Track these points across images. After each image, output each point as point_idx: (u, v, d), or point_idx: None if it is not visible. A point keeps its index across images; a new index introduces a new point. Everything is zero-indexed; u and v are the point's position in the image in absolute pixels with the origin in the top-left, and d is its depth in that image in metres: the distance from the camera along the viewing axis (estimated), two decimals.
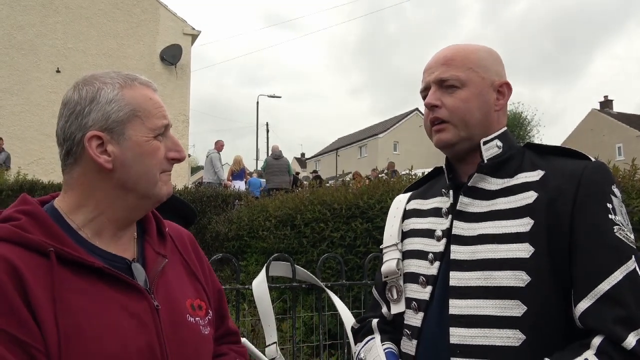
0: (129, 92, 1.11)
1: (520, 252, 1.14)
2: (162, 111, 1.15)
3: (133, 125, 1.09)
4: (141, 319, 1.05)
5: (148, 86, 1.16)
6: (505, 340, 1.12)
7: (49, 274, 0.97)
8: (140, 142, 1.10)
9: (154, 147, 1.11)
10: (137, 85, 1.14)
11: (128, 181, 1.10)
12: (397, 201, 1.52)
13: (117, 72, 1.15)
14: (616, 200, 1.15)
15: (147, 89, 1.15)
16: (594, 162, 1.19)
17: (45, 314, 0.93)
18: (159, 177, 1.13)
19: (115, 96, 1.09)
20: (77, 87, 1.11)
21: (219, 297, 1.35)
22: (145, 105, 1.12)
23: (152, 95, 1.15)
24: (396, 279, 1.36)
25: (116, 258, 1.10)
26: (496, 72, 1.30)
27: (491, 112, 1.28)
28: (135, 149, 1.09)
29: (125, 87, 1.12)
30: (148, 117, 1.11)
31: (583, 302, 1.08)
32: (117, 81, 1.12)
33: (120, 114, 1.09)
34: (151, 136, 1.11)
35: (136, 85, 1.13)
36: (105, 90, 1.10)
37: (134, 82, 1.14)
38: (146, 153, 1.10)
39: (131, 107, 1.10)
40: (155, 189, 1.13)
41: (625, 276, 1.06)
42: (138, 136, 1.10)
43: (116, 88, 1.11)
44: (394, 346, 1.35)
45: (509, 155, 1.26)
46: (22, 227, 1.01)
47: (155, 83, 1.20)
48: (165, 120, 1.14)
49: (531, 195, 1.18)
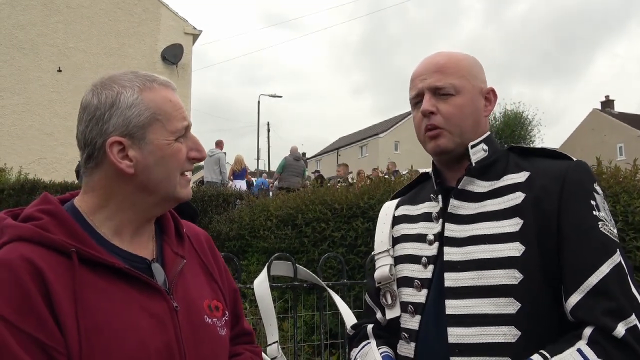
0: (149, 95, 1.10)
1: (512, 251, 1.18)
2: (182, 112, 1.14)
3: (154, 129, 1.09)
4: (160, 319, 1.05)
5: (167, 86, 1.15)
6: (501, 337, 1.15)
7: (70, 274, 0.97)
8: (161, 146, 1.09)
9: (175, 150, 1.11)
10: (156, 86, 1.12)
11: (149, 184, 1.10)
12: (386, 208, 1.55)
13: (135, 72, 1.14)
14: (599, 197, 1.20)
15: (166, 89, 1.14)
16: (576, 161, 1.24)
17: (67, 315, 0.93)
18: (178, 180, 1.13)
19: (135, 100, 1.08)
20: (96, 91, 1.10)
21: (235, 297, 1.35)
22: (165, 108, 1.11)
23: (172, 96, 1.14)
24: (390, 284, 1.38)
25: (136, 258, 1.11)
26: (482, 79, 1.35)
27: (480, 117, 1.33)
28: (157, 153, 1.09)
29: (145, 89, 1.10)
30: (168, 120, 1.11)
31: (573, 296, 1.11)
32: (136, 84, 1.10)
33: (141, 119, 1.08)
34: (172, 139, 1.11)
35: (155, 87, 1.12)
36: (125, 94, 1.08)
37: (152, 84, 1.12)
38: (168, 156, 1.10)
39: (151, 111, 1.09)
40: (175, 191, 1.13)
41: (611, 269, 1.10)
42: (159, 140, 1.09)
43: (135, 92, 1.09)
44: (390, 350, 1.36)
45: (495, 158, 1.31)
46: (44, 227, 1.01)
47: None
48: (185, 121, 1.14)
49: (519, 196, 1.22)
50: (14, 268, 0.93)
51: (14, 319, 0.89)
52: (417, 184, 1.54)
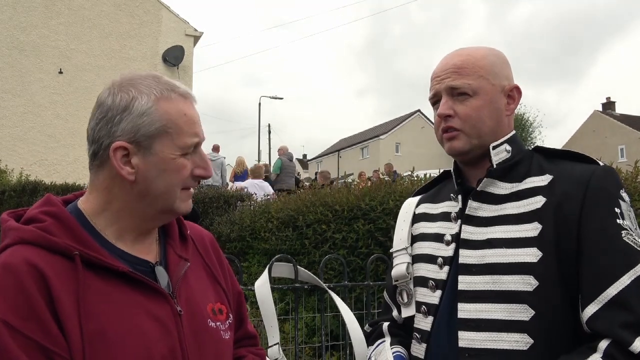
0: (164, 106, 1.07)
1: (529, 257, 1.14)
2: (194, 128, 1.10)
3: (162, 141, 1.06)
4: (164, 323, 1.04)
5: (186, 98, 1.11)
6: (513, 344, 1.12)
7: (73, 277, 0.96)
8: (166, 159, 1.07)
9: (179, 165, 1.08)
10: (174, 97, 1.09)
11: (148, 195, 1.08)
12: (407, 205, 1.52)
13: (157, 78, 1.10)
14: (624, 205, 1.15)
15: (184, 102, 1.11)
16: (602, 166, 1.19)
17: (70, 319, 0.92)
18: (178, 195, 1.10)
19: (149, 109, 1.05)
20: (113, 91, 1.07)
21: (239, 300, 1.34)
22: (178, 122, 1.08)
23: (188, 109, 1.10)
24: (406, 282, 1.37)
25: (139, 261, 1.09)
26: (506, 76, 1.29)
27: (502, 117, 1.28)
28: (160, 165, 1.06)
29: (162, 99, 1.07)
30: (179, 135, 1.07)
31: (590, 306, 1.08)
32: (153, 91, 1.07)
33: (151, 129, 1.05)
34: (178, 154, 1.07)
35: (173, 98, 1.09)
36: (140, 101, 1.05)
37: (171, 94, 1.09)
38: (170, 170, 1.07)
39: (162, 123, 1.06)
40: (174, 205, 1.10)
41: (632, 281, 1.06)
42: (165, 152, 1.06)
43: (151, 100, 1.06)
44: (402, 349, 1.35)
45: (518, 160, 1.26)
46: (47, 230, 0.99)
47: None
48: (196, 138, 1.10)
49: (539, 200, 1.18)
50: (17, 272, 0.92)
51: (17, 324, 0.88)
52: (439, 181, 1.50)
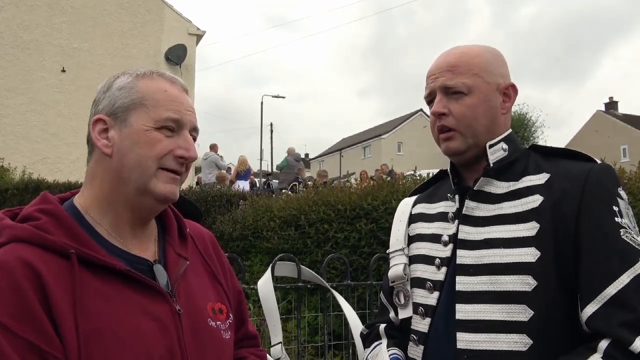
0: (144, 82, 1.10)
1: (527, 257, 1.13)
2: (174, 105, 1.09)
3: (137, 113, 1.06)
4: (163, 323, 1.02)
5: (171, 81, 1.13)
6: (512, 345, 1.11)
7: (69, 276, 0.94)
8: (139, 131, 1.05)
9: (152, 138, 1.05)
10: (156, 77, 1.12)
11: (123, 170, 1.05)
12: (403, 205, 1.51)
13: (153, 69, 1.15)
14: (622, 203, 1.14)
15: (167, 82, 1.12)
16: (600, 164, 1.18)
17: (66, 319, 0.91)
18: (155, 173, 1.06)
19: (128, 84, 1.09)
20: (105, 80, 1.13)
21: (239, 300, 1.32)
22: (156, 96, 1.08)
23: (170, 88, 1.11)
24: (403, 283, 1.36)
25: (137, 259, 1.07)
26: (501, 74, 1.28)
27: (498, 116, 1.27)
28: (132, 137, 1.05)
29: (143, 77, 1.11)
30: (154, 107, 1.07)
31: (590, 306, 1.07)
32: (137, 72, 1.12)
33: (126, 101, 1.07)
34: (152, 126, 1.06)
35: (154, 77, 1.11)
36: (121, 78, 1.10)
37: (153, 75, 1.12)
38: (142, 142, 1.05)
39: (140, 95, 1.08)
40: (149, 183, 1.06)
41: (632, 280, 1.05)
42: (139, 124, 1.06)
43: (132, 77, 1.10)
44: (400, 352, 1.34)
45: (515, 158, 1.25)
46: (42, 228, 0.98)
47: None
48: (175, 114, 1.08)
49: (537, 199, 1.17)
50: (11, 271, 0.90)
51: (10, 324, 0.87)
52: (436, 180, 1.49)
